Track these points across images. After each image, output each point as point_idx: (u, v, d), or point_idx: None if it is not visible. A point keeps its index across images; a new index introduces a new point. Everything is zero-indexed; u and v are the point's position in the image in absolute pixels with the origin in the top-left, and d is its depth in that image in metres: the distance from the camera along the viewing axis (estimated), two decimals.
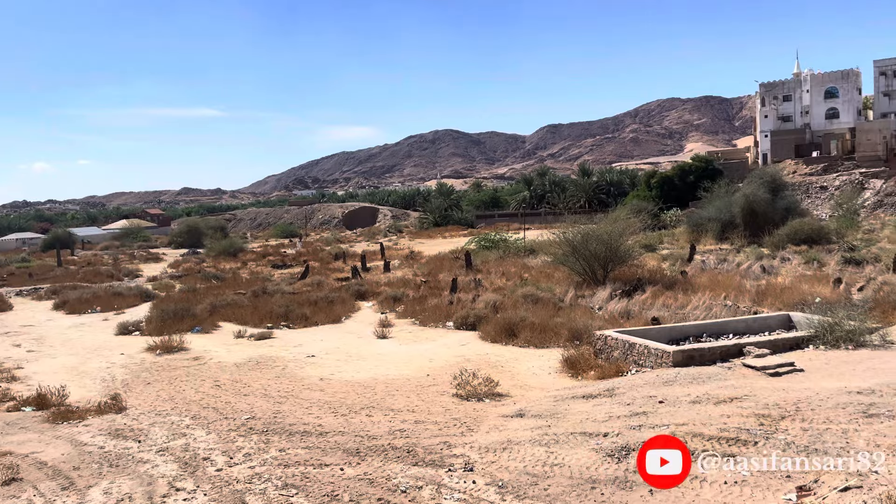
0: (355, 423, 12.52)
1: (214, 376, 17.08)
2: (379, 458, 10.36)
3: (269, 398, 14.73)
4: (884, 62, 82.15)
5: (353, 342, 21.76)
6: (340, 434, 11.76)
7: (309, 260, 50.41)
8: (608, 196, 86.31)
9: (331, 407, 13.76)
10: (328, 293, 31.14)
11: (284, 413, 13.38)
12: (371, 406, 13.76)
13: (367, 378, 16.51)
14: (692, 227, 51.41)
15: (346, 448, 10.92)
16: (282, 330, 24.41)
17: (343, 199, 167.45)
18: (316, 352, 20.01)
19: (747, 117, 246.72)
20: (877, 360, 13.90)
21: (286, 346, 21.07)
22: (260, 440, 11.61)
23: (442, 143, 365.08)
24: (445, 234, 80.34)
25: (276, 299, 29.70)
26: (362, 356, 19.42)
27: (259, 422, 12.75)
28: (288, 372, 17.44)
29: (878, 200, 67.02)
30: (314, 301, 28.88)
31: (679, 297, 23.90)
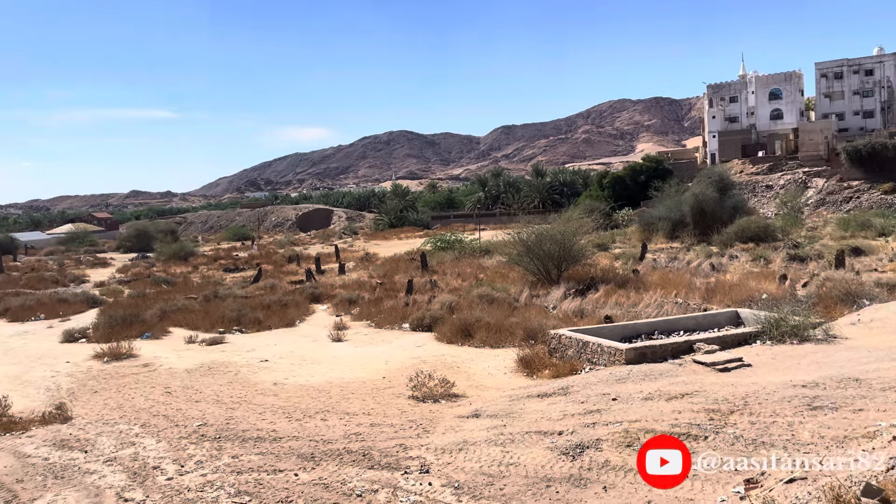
0: (310, 427, 12.39)
1: (165, 383, 16.72)
2: (334, 463, 10.26)
3: (222, 404, 14.47)
4: (825, 64, 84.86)
5: (307, 346, 21.54)
6: (295, 439, 11.62)
7: (262, 263, 49.77)
8: (562, 196, 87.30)
9: (285, 412, 13.58)
10: (282, 296, 30.77)
11: (237, 419, 13.17)
12: (326, 410, 13.63)
13: (321, 382, 16.35)
14: (644, 226, 52.32)
15: (300, 453, 10.79)
16: (234, 334, 24.02)
17: (297, 200, 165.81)
18: (269, 356, 19.74)
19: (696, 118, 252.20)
20: (820, 353, 14.31)
21: (239, 351, 20.74)
22: (212, 447, 11.39)
23: (397, 144, 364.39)
24: (401, 235, 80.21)
25: (228, 303, 29.24)
26: (317, 360, 19.23)
27: (211, 428, 12.52)
28: (241, 377, 17.17)
29: (821, 199, 69.14)
30: (267, 305, 28.51)
31: (631, 296, 24.28)
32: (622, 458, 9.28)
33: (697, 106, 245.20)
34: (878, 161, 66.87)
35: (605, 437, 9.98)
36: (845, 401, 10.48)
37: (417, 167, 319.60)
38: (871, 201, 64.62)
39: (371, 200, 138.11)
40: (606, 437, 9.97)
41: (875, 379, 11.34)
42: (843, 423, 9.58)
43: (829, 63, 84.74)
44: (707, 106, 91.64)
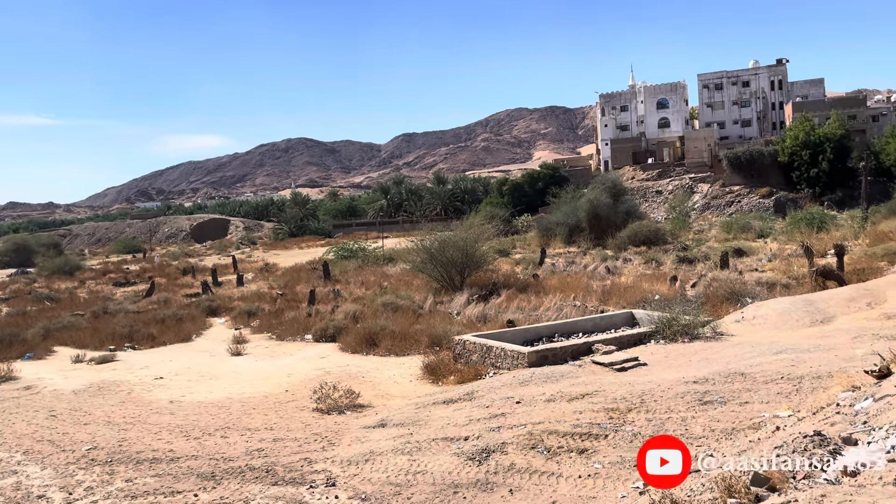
0: (209, 445, 11.93)
1: (49, 406, 15.68)
2: (236, 481, 9.92)
3: (114, 425, 13.72)
4: (706, 76, 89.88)
5: (205, 361, 20.78)
6: (193, 458, 11.16)
7: (154, 276, 47.73)
8: (463, 203, 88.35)
9: (182, 430, 13.03)
10: (177, 310, 29.62)
11: (131, 440, 12.51)
12: (226, 427, 13.17)
13: (221, 398, 15.80)
14: (542, 231, 53.69)
15: (199, 473, 10.37)
16: (126, 352, 22.89)
17: (191, 210, 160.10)
18: (164, 373, 18.91)
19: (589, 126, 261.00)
20: (709, 350, 15.07)
21: (131, 369, 19.76)
22: (103, 471, 10.77)
23: (295, 151, 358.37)
24: (302, 244, 78.90)
25: (119, 319, 27.87)
26: (216, 375, 18.58)
27: (102, 452, 11.84)
28: (134, 396, 16.35)
29: (706, 203, 73.06)
30: (161, 319, 27.38)
31: (532, 300, 24.81)
32: (527, 461, 9.44)
33: (590, 115, 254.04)
34: (756, 167, 71.42)
35: (510, 441, 10.12)
36: (733, 395, 11.08)
37: (317, 175, 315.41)
38: (751, 205, 68.85)
39: (270, 209, 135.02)
40: (511, 441, 10.11)
41: (759, 373, 12.04)
42: (731, 416, 10.11)
43: (710, 74, 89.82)
44: (599, 115, 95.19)
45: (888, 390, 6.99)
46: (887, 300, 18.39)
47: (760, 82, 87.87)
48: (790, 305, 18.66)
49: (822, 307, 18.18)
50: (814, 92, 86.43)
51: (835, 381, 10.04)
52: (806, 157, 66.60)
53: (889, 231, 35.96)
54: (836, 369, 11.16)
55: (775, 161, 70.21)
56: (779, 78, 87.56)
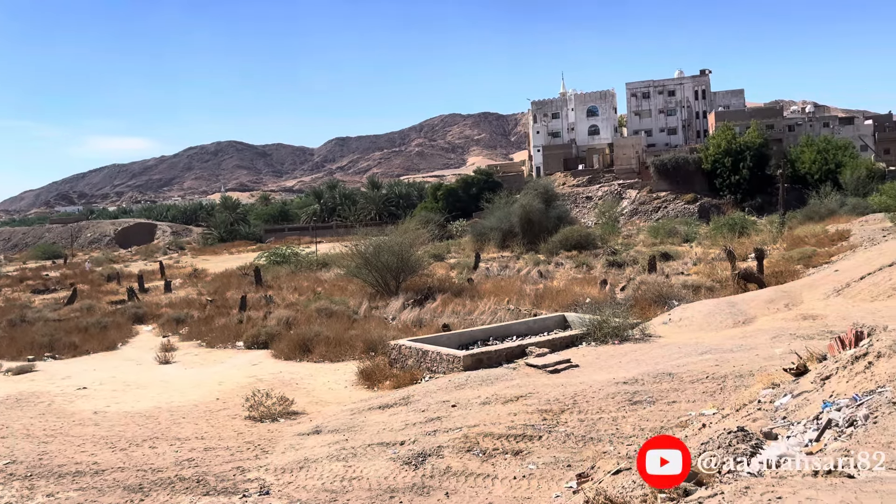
0: (137, 456, 11.56)
1: None
2: (165, 492, 9.64)
3: (33, 438, 13.13)
4: (634, 84, 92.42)
5: (131, 370, 20.12)
6: (120, 470, 10.79)
7: (77, 283, 45.92)
8: (398, 208, 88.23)
9: (108, 442, 12.57)
10: (101, 318, 28.60)
11: (52, 453, 12.00)
12: (155, 437, 12.78)
13: (149, 407, 15.32)
14: (476, 236, 54.11)
15: (126, 485, 10.03)
16: (46, 361, 21.94)
17: (115, 215, 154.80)
18: (88, 383, 18.21)
19: (522, 133, 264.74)
20: (638, 352, 15.49)
21: (52, 379, 18.95)
22: (23, 486, 10.29)
23: (225, 154, 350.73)
24: (232, 249, 77.25)
25: (38, 328, 26.71)
26: (143, 384, 18.01)
27: (21, 466, 11.31)
28: (55, 408, 15.68)
29: (634, 208, 75.08)
30: (84, 328, 26.39)
31: (467, 304, 24.98)
32: (463, 464, 9.49)
33: (523, 121, 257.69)
34: (682, 174, 73.86)
35: (446, 444, 10.16)
36: (661, 394, 11.42)
37: (248, 179, 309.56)
38: (677, 210, 71.13)
39: (199, 214, 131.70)
40: (447, 444, 10.15)
41: (685, 373, 12.44)
42: (659, 415, 10.42)
43: (638, 83, 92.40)
44: (532, 121, 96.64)
45: (805, 387, 7.33)
46: (804, 301, 19.29)
47: (685, 92, 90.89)
48: (714, 307, 19.35)
49: (744, 309, 18.91)
50: (735, 102, 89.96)
51: (756, 380, 10.46)
52: (728, 165, 69.31)
53: (804, 235, 37.72)
54: (758, 368, 11.63)
55: (699, 168, 72.79)
56: (702, 88, 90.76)
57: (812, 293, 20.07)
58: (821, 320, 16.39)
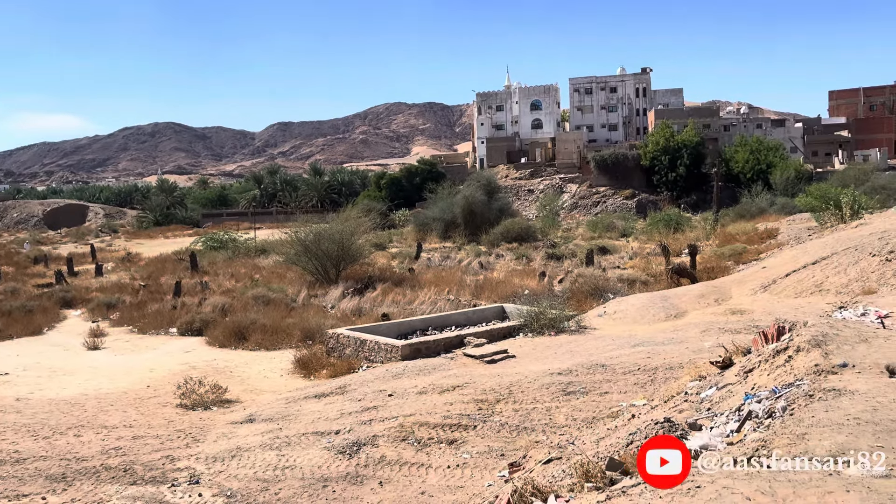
0: (60, 445, 11.19)
1: None
2: (90, 482, 9.38)
3: None
4: (577, 80, 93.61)
5: (58, 355, 19.46)
6: (42, 459, 10.43)
7: (1, 264, 44.06)
8: (340, 196, 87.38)
9: (30, 430, 12.13)
10: (26, 301, 27.55)
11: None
12: (80, 425, 12.40)
13: (75, 394, 14.85)
14: (419, 226, 54.11)
15: (49, 474, 9.72)
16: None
17: (44, 195, 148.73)
18: (10, 368, 17.54)
19: (466, 124, 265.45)
20: (573, 343, 15.77)
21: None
22: None
23: (163, 136, 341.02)
24: (168, 234, 75.35)
25: None
26: (70, 370, 17.45)
27: None
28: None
29: (574, 203, 76.24)
30: (7, 311, 25.43)
31: (407, 294, 24.98)
32: (397, 453, 9.52)
33: (468, 113, 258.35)
34: (621, 170, 75.35)
35: (382, 433, 10.16)
36: (594, 385, 11.66)
37: (186, 161, 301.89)
38: (616, 205, 72.55)
39: (134, 196, 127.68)
40: (382, 433, 10.16)
41: (618, 364, 12.73)
42: (592, 406, 10.64)
43: (581, 79, 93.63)
44: (476, 113, 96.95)
45: (730, 379, 7.59)
46: (732, 296, 19.95)
47: (627, 89, 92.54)
48: (648, 301, 19.84)
49: (676, 303, 19.45)
50: (674, 100, 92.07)
51: (685, 372, 10.77)
52: (665, 162, 71.02)
53: (736, 233, 38.97)
54: (687, 361, 11.99)
55: (638, 164, 74.38)
56: (643, 86, 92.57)
57: (741, 289, 20.77)
58: (748, 315, 16.98)
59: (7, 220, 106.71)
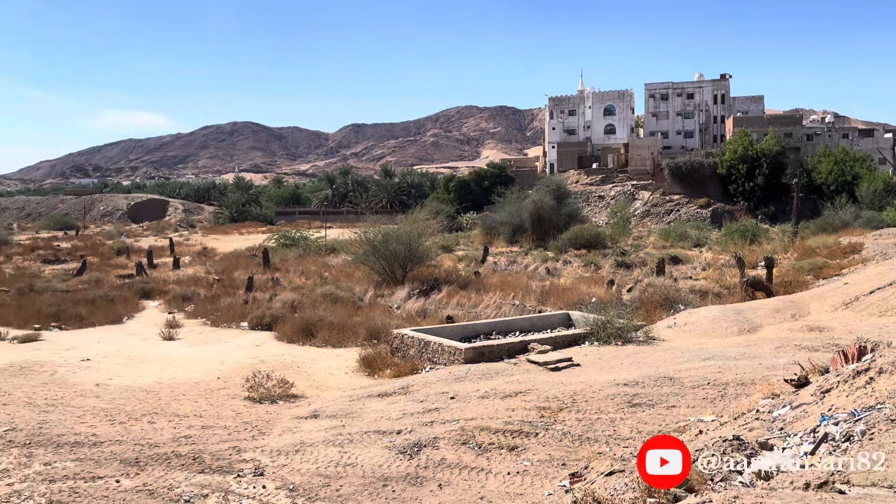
0: (135, 430, 11.65)
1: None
2: (161, 467, 9.71)
3: (34, 407, 13.25)
4: (653, 85, 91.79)
5: (135, 344, 20.25)
6: (118, 443, 10.87)
7: (87, 255, 46.22)
8: (409, 197, 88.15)
9: (107, 414, 12.67)
10: (108, 291, 28.77)
11: (52, 423, 12.10)
12: (154, 412, 12.87)
13: (150, 382, 15.43)
14: (486, 229, 54.04)
15: (123, 458, 10.11)
16: (52, 331, 22.12)
17: (129, 189, 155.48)
18: (92, 355, 18.35)
19: (537, 128, 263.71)
20: (641, 354, 15.44)
21: (57, 350, 19.10)
22: (21, 454, 10.40)
23: (241, 135, 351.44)
24: (242, 230, 77.47)
25: (46, 298, 26.91)
26: (146, 359, 18.13)
27: (21, 433, 11.42)
28: (58, 378, 15.81)
29: (646, 210, 74.73)
30: (91, 300, 26.56)
31: (472, 297, 24.96)
32: (458, 456, 9.51)
33: (539, 117, 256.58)
34: (696, 178, 73.39)
35: (443, 436, 10.17)
36: (661, 398, 11.38)
37: (262, 160, 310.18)
38: (689, 214, 70.74)
39: (211, 193, 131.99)
40: (443, 436, 10.17)
41: (686, 377, 12.40)
42: (658, 419, 10.39)
43: (657, 85, 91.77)
44: (548, 117, 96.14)
45: (805, 399, 7.29)
46: (811, 312, 19.17)
47: (704, 95, 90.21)
48: (720, 314, 19.26)
49: (750, 317, 18.82)
50: (754, 108, 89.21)
51: (757, 389, 10.41)
52: (743, 171, 68.81)
53: (816, 247, 37.45)
54: (759, 377, 11.57)
55: (714, 173, 72.30)
56: (722, 92, 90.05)
57: (820, 305, 19.94)
58: (827, 332, 16.29)
59: (94, 213, 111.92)
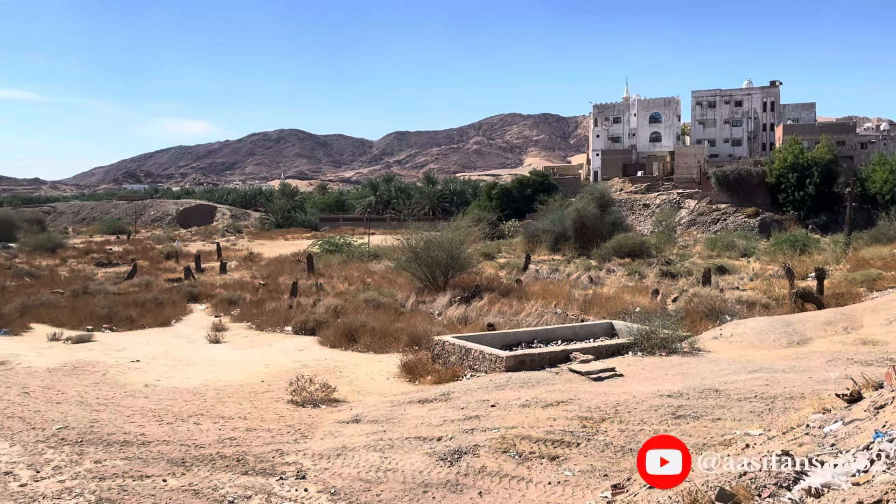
0: (182, 431, 11.88)
1: (22, 383, 15.55)
2: (206, 468, 9.89)
3: (86, 406, 13.63)
4: (700, 93, 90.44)
5: (183, 346, 20.68)
6: (165, 443, 11.11)
7: (137, 258, 47.42)
8: (451, 205, 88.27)
9: (155, 415, 12.97)
10: (157, 294, 29.47)
11: (102, 422, 12.43)
12: (200, 413, 13.13)
13: (196, 384, 15.74)
14: (528, 237, 53.78)
15: (170, 458, 10.33)
16: (104, 333, 22.74)
17: (178, 195, 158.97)
18: (141, 356, 18.80)
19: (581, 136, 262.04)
20: (686, 365, 15.18)
21: (108, 350, 19.63)
22: (73, 451, 10.70)
23: (287, 142, 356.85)
24: (288, 235, 78.62)
25: (98, 300, 27.67)
26: (193, 361, 18.50)
27: (73, 432, 11.76)
28: (108, 378, 16.25)
29: (692, 219, 73.51)
30: (141, 302, 27.22)
31: (514, 305, 24.87)
32: (498, 464, 9.47)
33: (583, 124, 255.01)
34: (744, 187, 71.93)
35: (483, 443, 10.14)
36: (706, 410, 11.17)
37: (308, 167, 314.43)
38: (736, 223, 69.35)
39: (258, 199, 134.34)
40: (484, 443, 10.14)
41: (732, 390, 12.14)
42: (703, 431, 10.19)
43: (704, 92, 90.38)
44: (592, 125, 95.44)
45: (857, 414, 7.07)
46: (863, 325, 18.60)
47: (753, 103, 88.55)
48: (768, 325, 18.82)
49: (800, 329, 18.35)
50: (805, 116, 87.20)
51: (807, 403, 10.14)
52: (793, 180, 67.20)
53: (870, 258, 36.36)
54: (809, 391, 11.28)
55: (763, 182, 70.78)
56: (771, 99, 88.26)
57: (874, 318, 19.33)
58: (881, 346, 15.80)
59: (145, 218, 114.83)
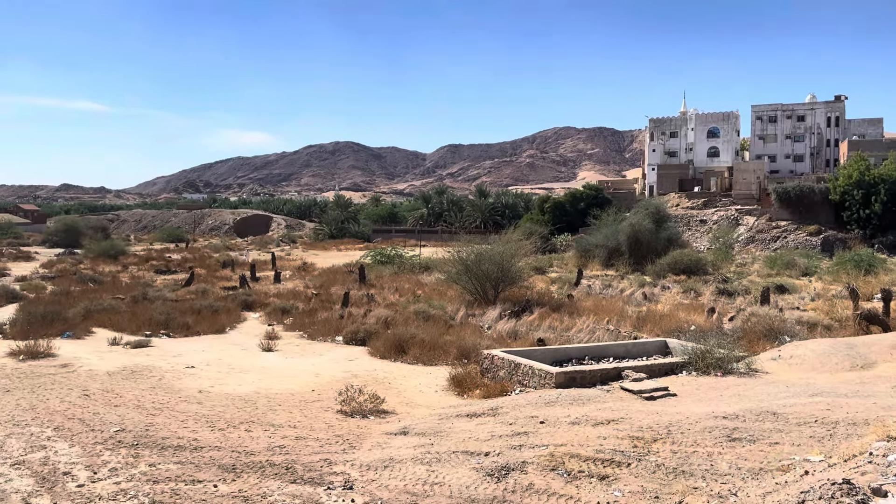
0: (233, 437, 12.07)
1: (83, 385, 16.06)
2: (256, 475, 10.01)
3: (143, 410, 13.99)
4: (760, 107, 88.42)
5: (236, 354, 21.06)
6: (216, 449, 11.30)
7: (195, 266, 48.62)
8: (503, 218, 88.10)
9: (208, 420, 13.21)
10: (213, 302, 30.10)
11: (158, 426, 12.73)
12: (251, 421, 13.32)
13: (248, 392, 15.99)
14: (581, 252, 53.22)
15: (221, 464, 10.50)
16: (161, 338, 23.33)
17: (236, 205, 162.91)
18: (196, 363, 19.22)
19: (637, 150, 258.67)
20: (742, 386, 14.75)
21: (164, 356, 20.13)
22: (129, 454, 10.97)
23: (342, 154, 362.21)
24: (341, 246, 79.61)
25: (156, 306, 28.43)
26: (245, 369, 18.82)
27: (129, 434, 12.07)
28: (164, 383, 16.65)
29: (751, 236, 71.70)
30: (197, 310, 27.84)
31: (565, 320, 24.60)
32: (546, 482, 9.33)
33: (639, 138, 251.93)
34: (806, 204, 69.84)
35: (531, 460, 10.02)
36: (763, 434, 10.82)
37: (362, 179, 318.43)
38: (797, 241, 67.35)
39: (312, 209, 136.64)
40: (532, 460, 10.02)
41: (791, 414, 11.74)
42: (759, 456, 9.87)
43: (765, 106, 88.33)
44: (648, 139, 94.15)
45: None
46: None
47: (816, 118, 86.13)
48: (830, 348, 18.18)
49: (864, 352, 17.66)
50: (871, 131, 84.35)
51: (870, 430, 9.73)
52: (858, 197, 64.95)
53: None
54: (874, 417, 10.83)
55: (826, 199, 68.60)
56: (836, 115, 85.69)
57: None
58: None
59: (203, 227, 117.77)
